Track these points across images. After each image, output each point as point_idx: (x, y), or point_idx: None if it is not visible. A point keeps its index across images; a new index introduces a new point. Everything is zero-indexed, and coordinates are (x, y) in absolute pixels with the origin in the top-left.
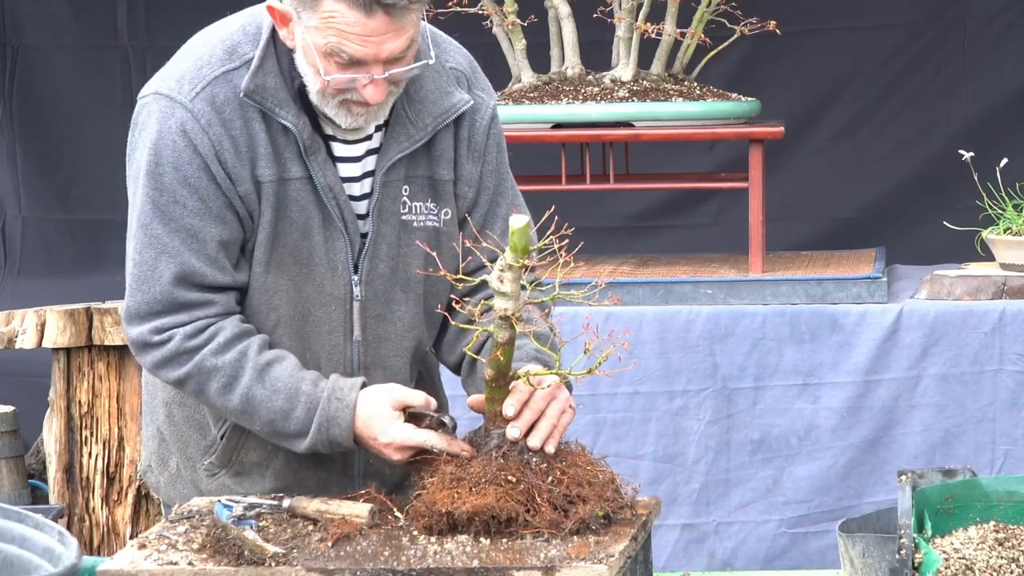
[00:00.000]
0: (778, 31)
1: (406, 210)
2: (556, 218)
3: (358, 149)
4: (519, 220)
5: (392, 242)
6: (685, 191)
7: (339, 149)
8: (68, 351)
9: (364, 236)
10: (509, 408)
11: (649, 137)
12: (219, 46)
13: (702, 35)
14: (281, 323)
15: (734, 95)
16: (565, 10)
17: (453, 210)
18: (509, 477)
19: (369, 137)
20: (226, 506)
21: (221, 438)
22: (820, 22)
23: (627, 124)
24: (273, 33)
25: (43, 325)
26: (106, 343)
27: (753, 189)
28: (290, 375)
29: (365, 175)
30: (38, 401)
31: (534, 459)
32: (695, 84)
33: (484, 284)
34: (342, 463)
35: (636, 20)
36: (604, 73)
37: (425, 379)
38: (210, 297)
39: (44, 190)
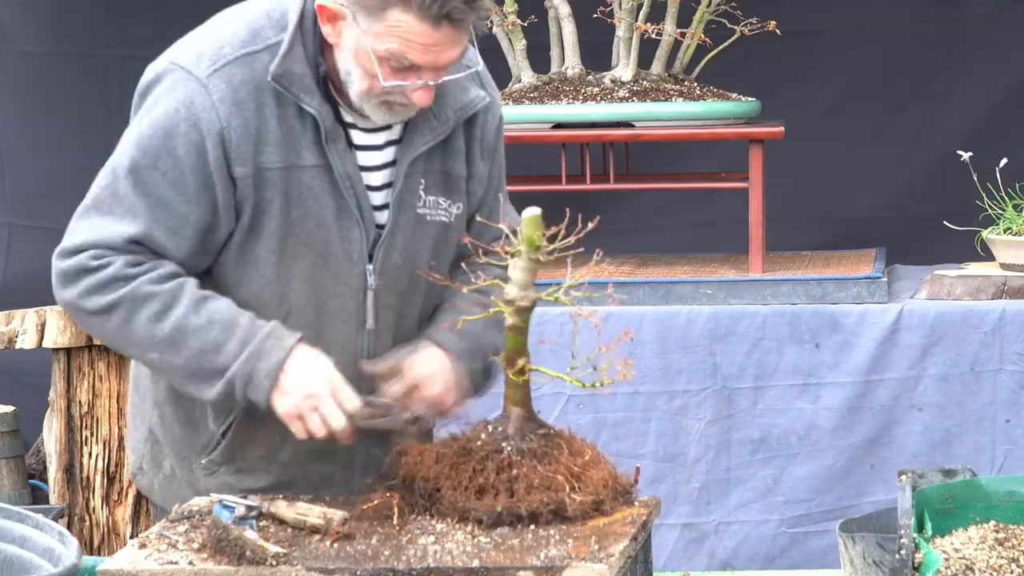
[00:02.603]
0: (778, 31)
1: (421, 203)
2: (569, 214)
3: (378, 138)
4: (531, 211)
5: (408, 234)
6: (685, 191)
7: (358, 137)
8: (68, 351)
9: (379, 227)
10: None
11: (649, 137)
12: (243, 28)
13: (702, 35)
14: (292, 312)
15: (734, 95)
16: (565, 10)
17: (464, 205)
18: (456, 456)
19: (389, 127)
20: (226, 507)
21: (222, 435)
22: (820, 22)
23: (627, 124)
24: (300, 19)
25: (43, 325)
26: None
27: (753, 189)
28: (228, 308)
29: (384, 165)
30: (38, 401)
31: (508, 448)
32: (695, 84)
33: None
34: (346, 457)
35: (636, 20)
36: (604, 73)
37: None
38: (158, 258)
39: (29, 197)
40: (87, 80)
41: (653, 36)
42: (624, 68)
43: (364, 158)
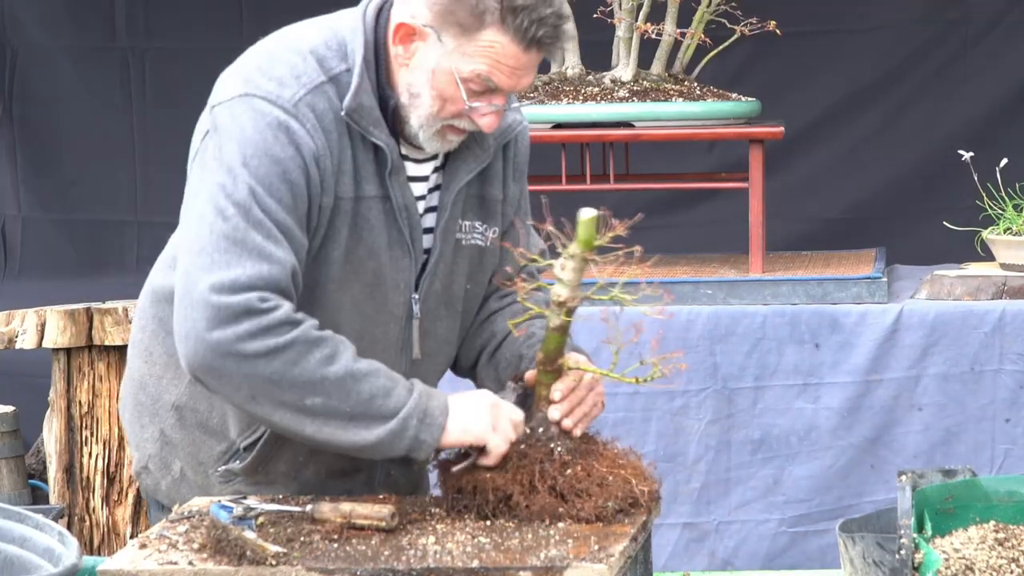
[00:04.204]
0: (778, 31)
1: (458, 229)
2: (607, 214)
3: (426, 168)
4: (587, 212)
5: (448, 261)
6: (685, 191)
7: (411, 169)
8: (68, 351)
9: (426, 252)
10: (556, 392)
11: (649, 137)
12: (310, 56)
13: (702, 35)
14: None
15: (734, 95)
16: (565, 10)
17: (500, 228)
18: (519, 460)
19: (435, 156)
20: (223, 507)
21: (245, 449)
22: (820, 22)
23: (627, 124)
24: (364, 51)
25: (43, 325)
26: (106, 343)
27: (753, 189)
28: (387, 368)
29: (429, 192)
30: (38, 401)
31: (559, 448)
32: (695, 84)
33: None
34: (367, 474)
35: (636, 20)
36: (604, 73)
37: None
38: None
39: (43, 191)
40: (106, 72)
41: (653, 36)
42: (624, 68)
43: (416, 189)
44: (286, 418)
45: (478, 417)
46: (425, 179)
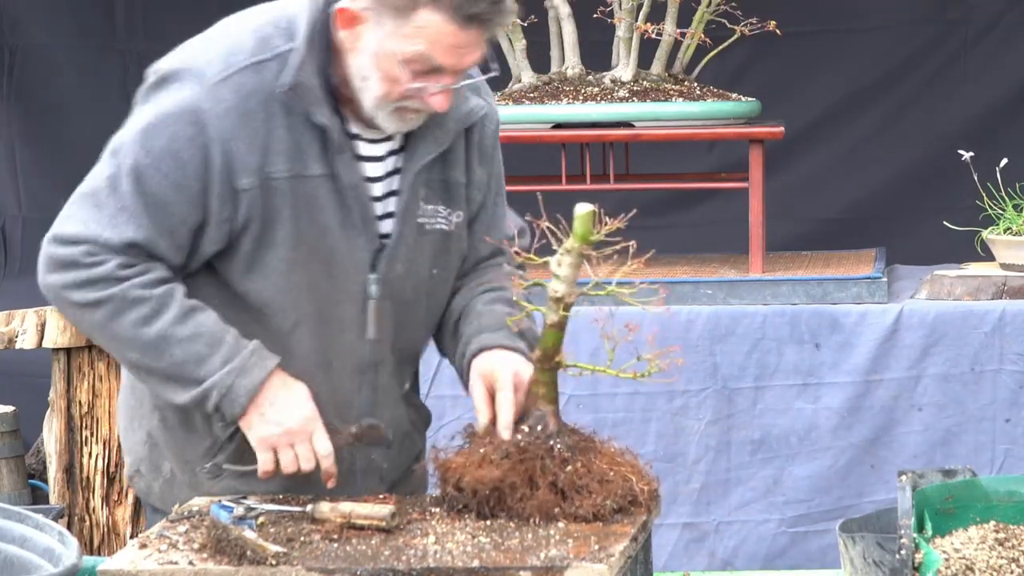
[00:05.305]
0: (778, 31)
1: (421, 213)
2: (604, 211)
3: (380, 149)
4: (583, 207)
5: (410, 244)
6: (685, 191)
7: (363, 148)
8: (68, 351)
9: (381, 237)
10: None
11: (649, 137)
12: (250, 35)
13: (702, 35)
14: (300, 322)
15: (734, 95)
16: (565, 10)
17: (464, 213)
18: (519, 455)
19: (390, 138)
20: (223, 507)
21: (228, 439)
22: (820, 23)
23: (627, 124)
24: (310, 31)
25: (43, 325)
26: None
27: (753, 189)
28: (214, 323)
29: (386, 175)
30: (38, 401)
31: (559, 445)
32: (695, 84)
33: (478, 270)
34: (348, 462)
35: (636, 20)
36: (604, 73)
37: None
38: (151, 260)
39: (43, 191)
40: (106, 73)
41: (653, 36)
42: (624, 68)
43: (369, 169)
44: (124, 364)
45: (280, 421)
46: (380, 159)
